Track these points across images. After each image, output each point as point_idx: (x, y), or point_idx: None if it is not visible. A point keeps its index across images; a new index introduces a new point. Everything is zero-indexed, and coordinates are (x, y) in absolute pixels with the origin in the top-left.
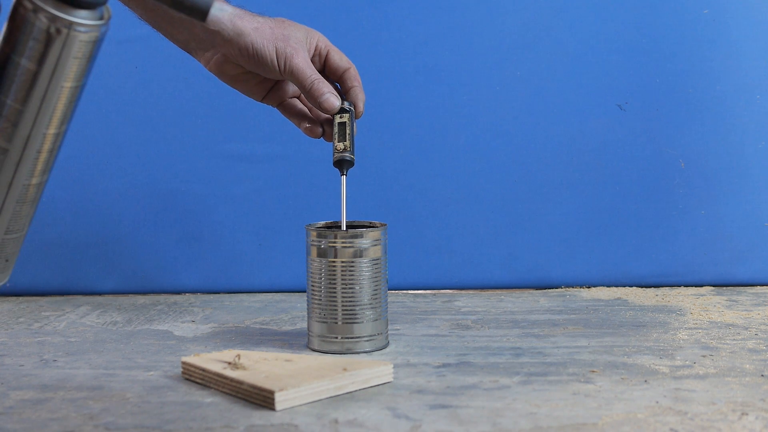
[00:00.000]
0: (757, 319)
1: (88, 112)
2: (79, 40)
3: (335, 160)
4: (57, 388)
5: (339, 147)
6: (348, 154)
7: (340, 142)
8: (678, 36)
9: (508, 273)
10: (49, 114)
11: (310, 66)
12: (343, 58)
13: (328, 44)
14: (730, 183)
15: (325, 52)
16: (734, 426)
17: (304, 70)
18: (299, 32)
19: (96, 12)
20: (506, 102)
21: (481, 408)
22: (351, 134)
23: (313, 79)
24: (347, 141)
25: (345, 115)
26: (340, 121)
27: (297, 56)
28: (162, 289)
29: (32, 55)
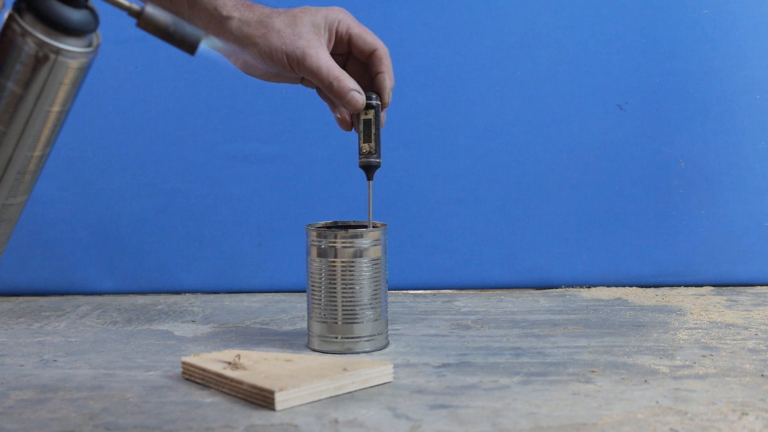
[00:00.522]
0: (757, 319)
1: (88, 112)
2: (67, 66)
3: (361, 164)
4: (57, 388)
5: (364, 149)
6: (374, 158)
7: (366, 143)
8: (678, 36)
9: (508, 273)
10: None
11: (326, 63)
12: (368, 38)
13: (351, 24)
14: (730, 183)
15: (347, 36)
16: (734, 426)
17: (319, 71)
18: (314, 22)
19: (85, 39)
20: (506, 102)
21: (481, 408)
22: (377, 133)
23: (331, 79)
24: (372, 142)
25: (370, 112)
26: (366, 119)
27: (309, 56)
28: (162, 289)
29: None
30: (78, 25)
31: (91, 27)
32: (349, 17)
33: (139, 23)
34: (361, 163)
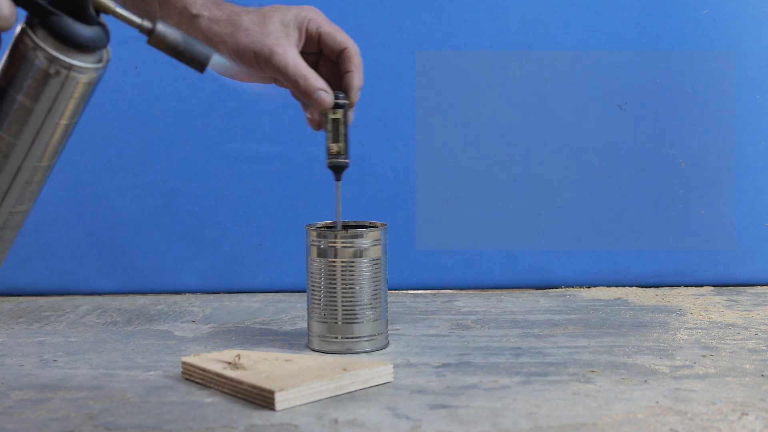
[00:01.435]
0: (757, 319)
1: (88, 112)
2: (77, 81)
3: (329, 165)
4: (57, 388)
5: (333, 149)
6: (342, 159)
7: (334, 143)
8: (678, 36)
9: (508, 273)
10: (41, 148)
11: (294, 62)
12: (338, 37)
13: (321, 23)
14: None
15: (317, 34)
16: (734, 426)
17: (286, 69)
18: (283, 21)
19: (96, 55)
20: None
21: (481, 408)
22: (345, 133)
23: (297, 77)
24: (341, 142)
25: (339, 111)
26: (334, 117)
27: (276, 54)
28: (162, 289)
29: (29, 92)
30: (89, 41)
31: (102, 43)
32: (320, 16)
33: (150, 41)
34: (330, 164)
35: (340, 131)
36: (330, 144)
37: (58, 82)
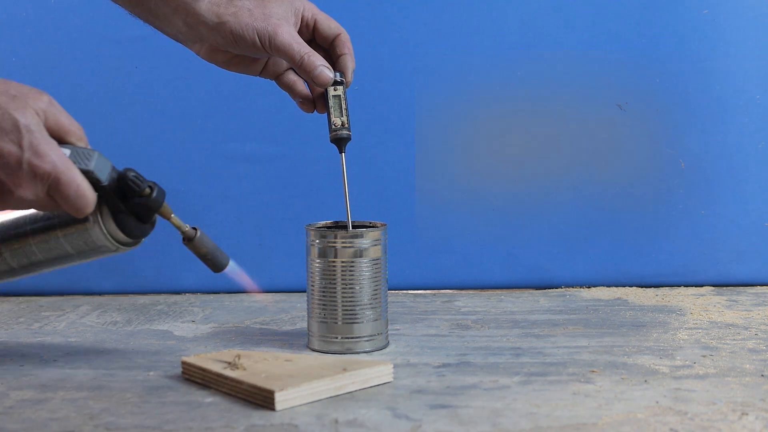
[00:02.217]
0: (757, 319)
1: (88, 112)
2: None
3: (332, 138)
4: (57, 388)
5: (336, 123)
6: (345, 131)
7: (337, 117)
8: (678, 36)
9: (508, 273)
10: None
11: (296, 40)
12: (332, 24)
13: (315, 11)
14: (730, 183)
15: (312, 21)
16: (734, 426)
17: (290, 46)
18: (282, 6)
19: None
20: (506, 102)
21: (481, 408)
22: (346, 108)
23: (302, 53)
24: (344, 116)
25: (339, 88)
26: (335, 94)
27: (281, 33)
28: (162, 289)
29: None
30: (141, 235)
31: (147, 233)
32: (312, 5)
33: (186, 243)
34: (333, 137)
35: (341, 106)
36: (333, 119)
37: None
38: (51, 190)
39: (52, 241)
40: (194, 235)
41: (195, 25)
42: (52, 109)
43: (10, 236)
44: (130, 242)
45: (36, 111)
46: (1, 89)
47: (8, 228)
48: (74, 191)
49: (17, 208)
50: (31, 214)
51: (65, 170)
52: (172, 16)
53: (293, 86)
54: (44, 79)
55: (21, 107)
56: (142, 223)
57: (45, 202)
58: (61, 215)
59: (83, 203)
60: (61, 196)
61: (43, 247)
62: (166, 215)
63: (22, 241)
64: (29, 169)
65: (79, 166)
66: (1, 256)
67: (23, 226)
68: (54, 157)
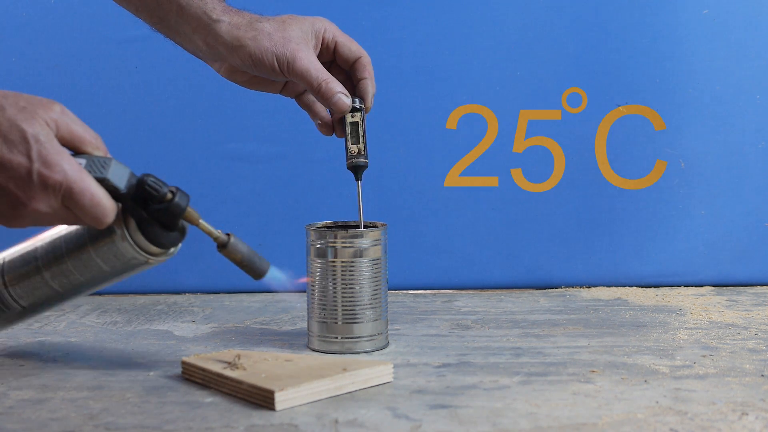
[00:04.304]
0: (757, 319)
1: (88, 112)
2: (148, 264)
3: (349, 165)
4: (57, 388)
5: (353, 150)
6: (362, 159)
7: (354, 144)
8: (678, 36)
9: (508, 273)
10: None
11: (315, 66)
12: (353, 47)
13: (336, 33)
14: (730, 183)
15: (333, 43)
16: (734, 426)
17: (309, 72)
18: (302, 28)
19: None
20: (506, 102)
21: (481, 408)
22: (364, 135)
23: (320, 80)
24: (360, 143)
25: (357, 114)
26: (352, 121)
27: (299, 59)
28: (162, 289)
29: (107, 262)
30: (170, 244)
31: (177, 242)
32: (333, 26)
33: (220, 250)
34: (350, 165)
35: (359, 133)
36: (350, 146)
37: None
38: (65, 201)
39: (84, 258)
40: (227, 240)
41: (214, 45)
42: (65, 119)
43: (49, 259)
44: (159, 252)
45: (46, 121)
46: (11, 101)
47: (47, 251)
48: (89, 200)
49: (36, 222)
50: (66, 234)
51: (78, 180)
52: (192, 35)
53: (312, 106)
54: (44, 79)
55: (29, 118)
56: (169, 231)
57: (63, 213)
58: (90, 231)
59: (101, 212)
60: (76, 206)
61: (78, 266)
62: (193, 220)
63: (60, 261)
64: (40, 180)
65: (94, 174)
66: (43, 279)
67: (60, 247)
68: (65, 167)
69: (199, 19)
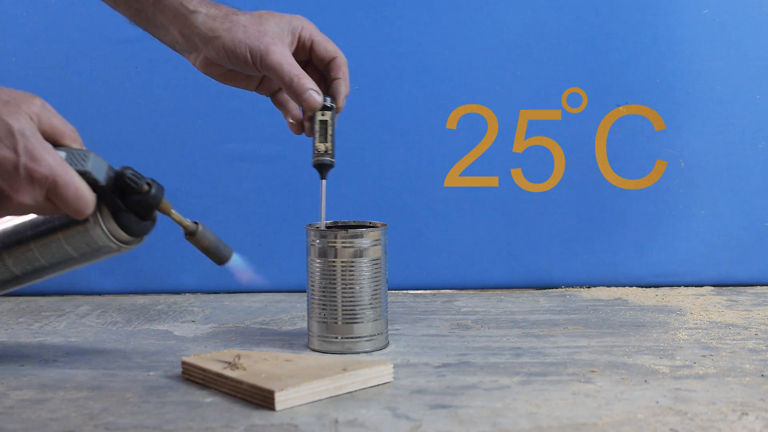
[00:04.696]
0: (757, 319)
1: (88, 112)
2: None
3: (315, 163)
4: (57, 388)
5: (320, 148)
6: (328, 158)
7: (321, 142)
8: (678, 36)
9: (508, 273)
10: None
11: (288, 61)
12: (329, 46)
13: (313, 32)
14: (730, 183)
15: (309, 41)
16: (734, 426)
17: (281, 67)
18: (279, 24)
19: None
20: (506, 102)
21: (481, 408)
22: (332, 134)
23: (292, 75)
24: (328, 142)
25: (327, 113)
26: (322, 119)
27: (272, 52)
28: (162, 289)
29: (77, 248)
30: (142, 232)
31: (148, 231)
32: (311, 25)
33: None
34: (315, 162)
35: (327, 132)
36: (317, 144)
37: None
38: (49, 194)
39: (53, 244)
40: (195, 229)
41: (190, 36)
42: (45, 113)
43: (11, 243)
44: (131, 240)
45: (29, 115)
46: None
47: (9, 235)
48: (73, 193)
49: (17, 213)
50: (31, 220)
51: (62, 173)
52: (168, 26)
53: (286, 105)
54: (44, 79)
55: (14, 112)
56: (143, 220)
57: (45, 205)
58: (61, 218)
59: (83, 204)
60: (60, 199)
61: (45, 252)
62: (166, 211)
63: (23, 247)
64: (26, 174)
65: (76, 167)
66: (3, 264)
67: (24, 231)
68: (51, 161)
69: (176, 10)
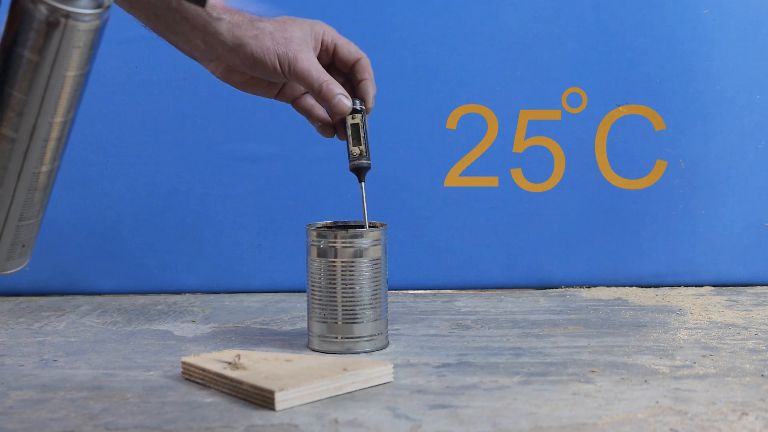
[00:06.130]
0: (757, 319)
1: (88, 112)
2: (79, 29)
3: (351, 167)
4: (57, 388)
5: (355, 152)
6: (365, 160)
7: (355, 146)
8: (678, 36)
9: (508, 273)
10: (54, 103)
11: (316, 67)
12: (351, 48)
13: (335, 36)
14: (730, 183)
15: (332, 45)
16: (734, 426)
17: (310, 73)
18: (302, 30)
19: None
20: (506, 102)
21: (481, 408)
22: (365, 136)
23: (321, 82)
24: (362, 144)
25: (357, 116)
26: (353, 123)
27: (301, 59)
28: (162, 289)
29: (33, 46)
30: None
31: None
32: (332, 29)
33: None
34: (352, 167)
35: (360, 135)
36: (351, 148)
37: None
38: None
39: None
40: None
41: (213, 45)
42: None
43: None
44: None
45: None
46: None
47: None
48: None
49: None
50: None
51: None
52: (190, 34)
53: (311, 111)
54: None
55: None
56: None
57: None
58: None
59: None
60: None
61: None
62: None
63: None
64: None
65: None
66: None
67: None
68: None
69: (199, 17)
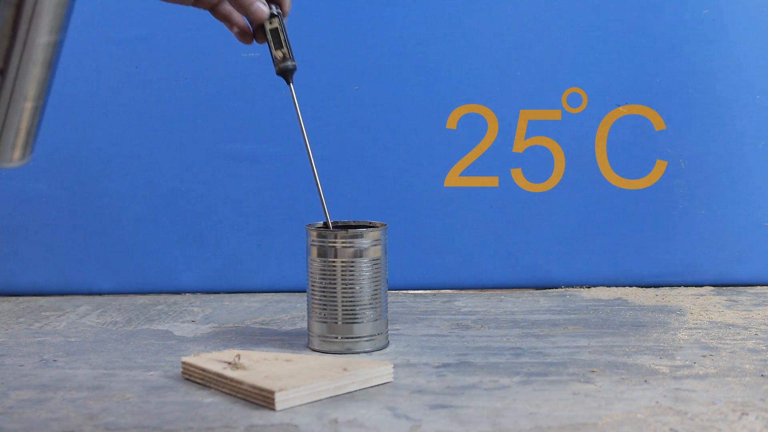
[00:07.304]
0: (757, 319)
1: (88, 112)
2: None
3: (278, 71)
4: (57, 388)
5: (278, 56)
6: (290, 62)
7: (278, 50)
8: (678, 36)
9: (508, 273)
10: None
11: None
12: None
13: None
14: (730, 183)
15: None
16: (734, 426)
17: None
18: None
19: None
20: (506, 102)
21: (481, 408)
22: (286, 39)
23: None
24: (284, 47)
25: (275, 20)
26: (272, 28)
27: None
28: (162, 289)
29: None
30: None
31: None
32: None
33: None
34: (278, 70)
35: (281, 38)
36: (274, 52)
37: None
38: None
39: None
40: None
41: None
42: None
43: None
44: None
45: None
46: None
47: None
48: None
49: None
50: None
51: None
52: None
53: (230, 17)
54: None
55: None
56: None
57: None
58: None
59: None
60: None
61: None
62: None
63: None
64: None
65: None
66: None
67: None
68: None
69: None
